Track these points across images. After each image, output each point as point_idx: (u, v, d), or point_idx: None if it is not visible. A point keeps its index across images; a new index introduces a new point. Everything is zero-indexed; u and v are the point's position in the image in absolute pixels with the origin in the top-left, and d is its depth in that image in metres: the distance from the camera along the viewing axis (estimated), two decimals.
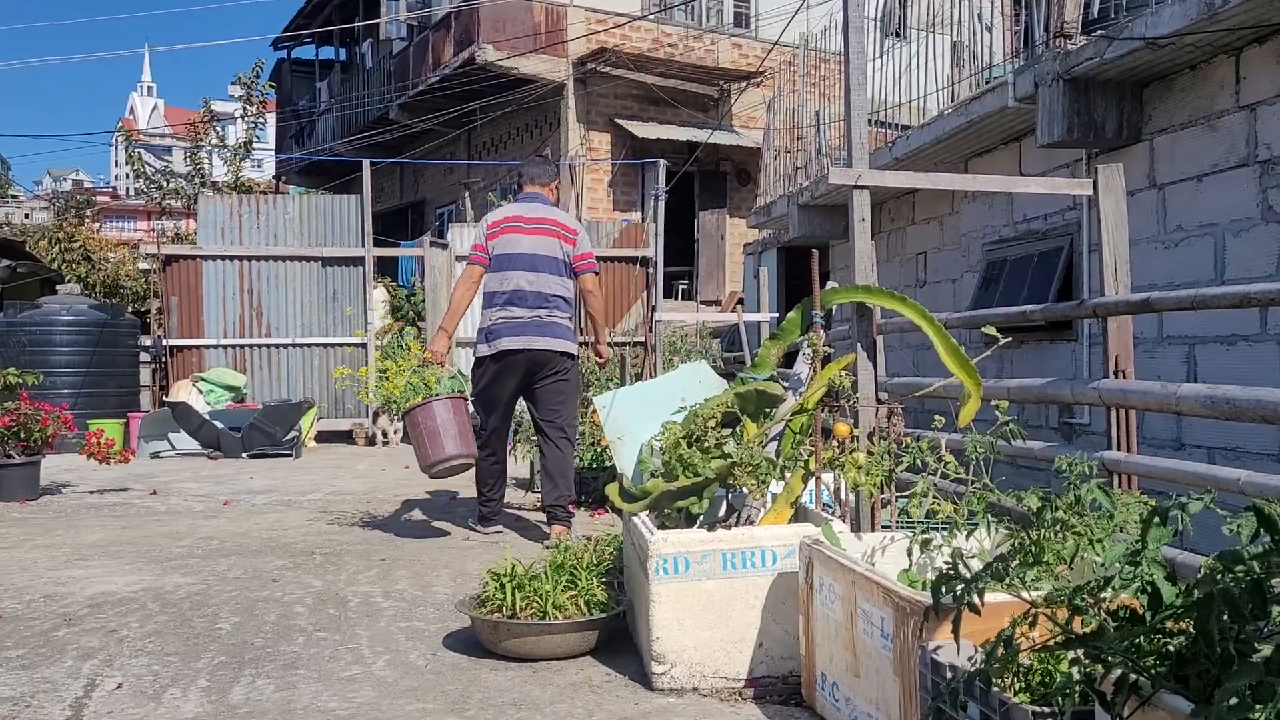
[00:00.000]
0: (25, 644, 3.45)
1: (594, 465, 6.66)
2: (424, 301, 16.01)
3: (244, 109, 16.16)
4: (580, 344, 5.71)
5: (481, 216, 17.97)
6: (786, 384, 3.48)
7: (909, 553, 2.71)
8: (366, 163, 11.74)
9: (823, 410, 3.39)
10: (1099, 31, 5.63)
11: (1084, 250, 6.32)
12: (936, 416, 3.58)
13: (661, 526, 3.48)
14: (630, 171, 17.75)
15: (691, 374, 6.38)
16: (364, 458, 9.99)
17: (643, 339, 11.68)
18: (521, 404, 5.60)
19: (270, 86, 17.21)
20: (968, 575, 1.71)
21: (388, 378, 5.77)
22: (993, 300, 7.19)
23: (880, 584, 2.34)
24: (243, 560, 4.88)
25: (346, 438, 11.46)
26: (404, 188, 22.78)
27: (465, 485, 6.58)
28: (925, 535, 2.51)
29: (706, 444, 3.36)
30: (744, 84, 18.22)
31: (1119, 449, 3.40)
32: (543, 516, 5.51)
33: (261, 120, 16.61)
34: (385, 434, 11.09)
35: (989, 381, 4.60)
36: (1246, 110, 5.09)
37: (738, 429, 3.54)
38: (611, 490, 3.50)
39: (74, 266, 16.45)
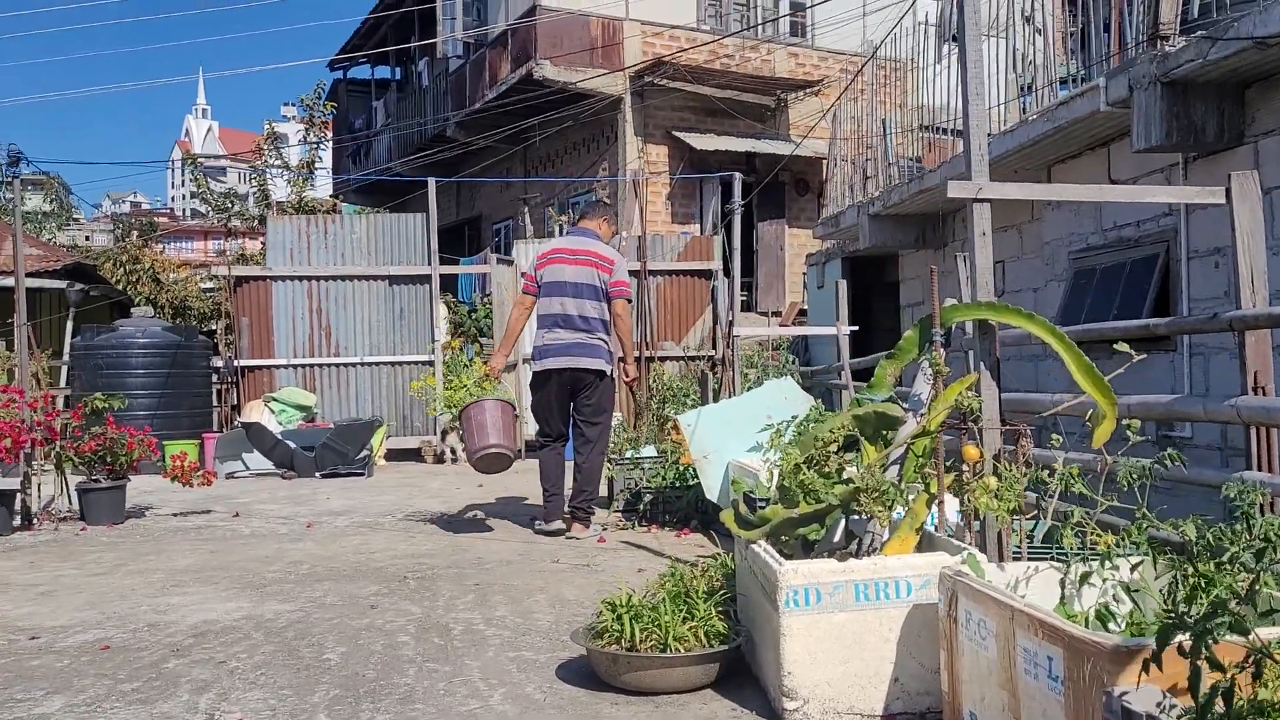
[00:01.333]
0: (138, 676, 3.43)
1: (676, 484, 6.57)
2: (486, 317, 16.08)
3: (307, 130, 16.34)
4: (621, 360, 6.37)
5: (540, 232, 18.08)
6: (906, 405, 3.37)
7: (1061, 584, 2.59)
8: (432, 182, 11.80)
9: (945, 433, 3.27)
10: (1199, 33, 5.44)
11: (1182, 258, 6.12)
12: (1054, 437, 3.45)
13: (779, 553, 3.38)
14: (688, 184, 17.68)
15: (776, 390, 6.30)
16: (435, 476, 9.99)
17: (710, 353, 11.59)
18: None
19: (330, 107, 17.37)
20: (1188, 617, 1.58)
21: (451, 389, 6.38)
22: (1082, 310, 7.00)
23: (1047, 621, 2.22)
24: (337, 585, 4.85)
25: (415, 455, 11.48)
26: (460, 204, 22.91)
27: (536, 495, 6.53)
28: (1084, 569, 2.39)
29: (827, 469, 3.26)
30: (801, 93, 18.10)
31: (1261, 469, 3.24)
32: (620, 546, 5.82)
33: (324, 140, 16.78)
34: (454, 451, 11.08)
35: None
36: None
37: (856, 453, 3.43)
38: (727, 516, 3.40)
39: (140, 288, 16.71)
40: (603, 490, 7.51)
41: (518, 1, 17.25)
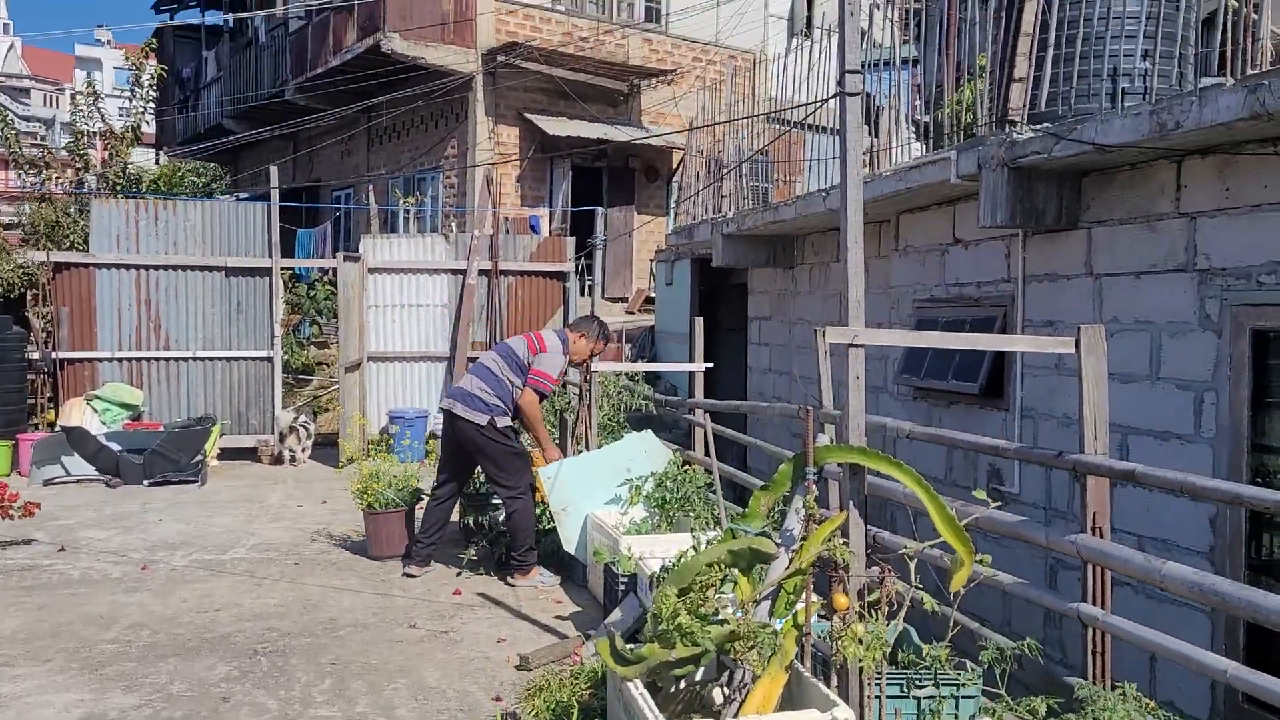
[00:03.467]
0: None
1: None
2: (327, 299, 15.59)
3: (133, 91, 15.26)
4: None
5: (383, 206, 17.52)
6: (778, 540, 3.48)
7: None
8: (274, 170, 11.29)
9: (816, 569, 3.41)
10: (1045, 126, 5.75)
11: (1018, 323, 6.49)
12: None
13: (651, 685, 3.46)
14: (538, 166, 17.49)
15: (637, 444, 6.39)
16: (275, 484, 9.66)
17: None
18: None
19: (160, 70, 16.25)
20: None
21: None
22: (924, 360, 7.35)
23: None
24: (183, 664, 4.66)
25: (251, 455, 11.07)
26: (298, 168, 21.98)
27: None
28: None
29: (703, 609, 3.34)
30: (654, 81, 18.12)
31: (1096, 604, 3.52)
32: (477, 601, 5.86)
33: (149, 106, 15.71)
34: (294, 454, 10.75)
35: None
36: (1186, 218, 5.29)
37: (732, 577, 3.53)
38: (603, 648, 3.45)
39: None
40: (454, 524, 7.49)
41: None
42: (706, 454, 7.46)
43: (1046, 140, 5.53)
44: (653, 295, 17.09)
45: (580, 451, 7.09)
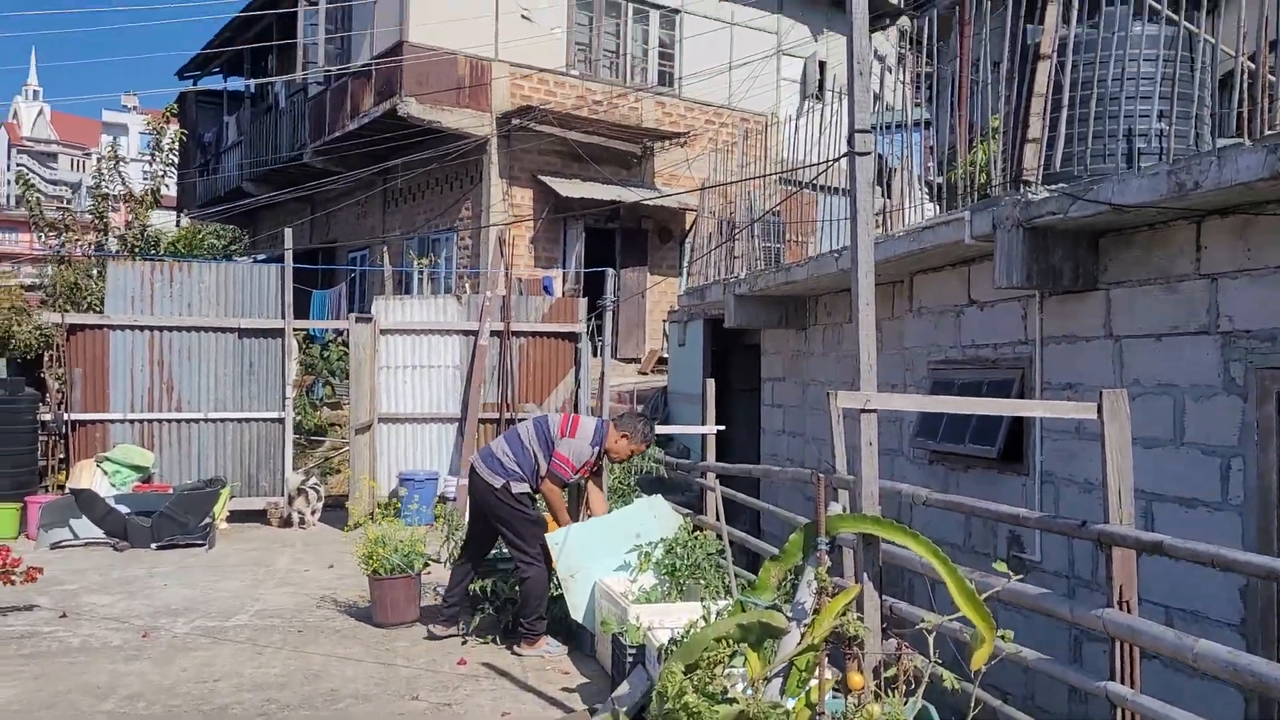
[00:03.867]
0: None
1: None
2: (340, 360, 15.57)
3: (153, 154, 15.45)
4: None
5: (398, 267, 17.60)
6: (789, 614, 3.35)
7: None
8: (289, 232, 11.34)
9: (829, 644, 3.27)
10: (1061, 186, 5.69)
11: (1036, 386, 6.37)
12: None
13: None
14: (552, 227, 17.57)
15: (646, 508, 6.26)
16: (283, 547, 9.54)
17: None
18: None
19: (181, 135, 16.48)
20: None
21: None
22: (940, 423, 7.22)
23: None
24: None
25: (261, 517, 10.95)
26: (314, 229, 22.16)
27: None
28: None
29: (712, 686, 3.20)
30: (667, 143, 18.25)
31: (1124, 682, 3.36)
32: (482, 672, 5.73)
33: (170, 170, 15.89)
34: (303, 517, 10.64)
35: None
36: (1207, 279, 5.19)
37: (741, 652, 3.39)
38: None
39: None
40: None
41: (384, 35, 16.80)
42: (718, 519, 7.33)
43: (1062, 200, 5.46)
44: (665, 356, 17.04)
45: (590, 516, 6.96)
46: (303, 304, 15.72)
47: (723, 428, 7.74)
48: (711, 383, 7.67)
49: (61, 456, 10.84)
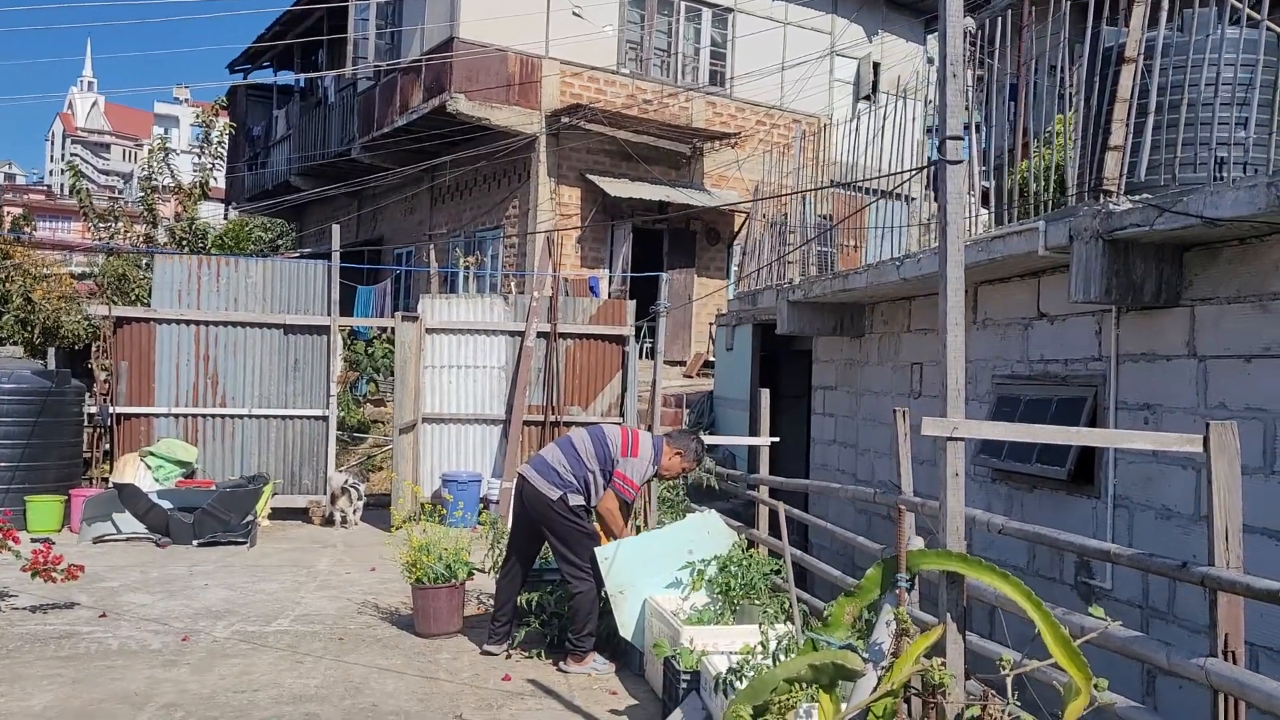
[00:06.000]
0: None
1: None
2: (384, 356, 15.48)
3: (202, 146, 15.47)
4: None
5: (443, 266, 17.52)
6: (865, 654, 3.12)
7: None
8: (336, 229, 11.24)
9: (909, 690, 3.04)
10: (1145, 196, 5.39)
11: (1110, 406, 6.07)
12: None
13: None
14: (599, 227, 17.39)
15: (700, 524, 6.04)
16: (324, 548, 9.43)
17: (617, 420, 11.29)
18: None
19: (230, 127, 16.50)
20: None
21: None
22: (1003, 442, 6.92)
23: None
24: None
25: (303, 515, 10.87)
26: (361, 225, 22.15)
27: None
28: None
29: None
30: (717, 143, 18.00)
31: None
32: (526, 690, 5.49)
33: (219, 162, 15.92)
34: (344, 516, 10.54)
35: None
36: None
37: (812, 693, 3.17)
38: None
39: (11, 303, 15.52)
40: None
41: (434, 30, 16.70)
42: (772, 534, 7.10)
43: (1148, 212, 5.17)
44: (711, 359, 16.79)
45: (639, 529, 6.75)
46: (347, 300, 15.64)
47: (778, 439, 7.49)
48: (766, 393, 7.42)
49: (106, 449, 10.83)
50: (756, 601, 5.41)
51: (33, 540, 7.46)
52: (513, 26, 16.14)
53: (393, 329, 11.93)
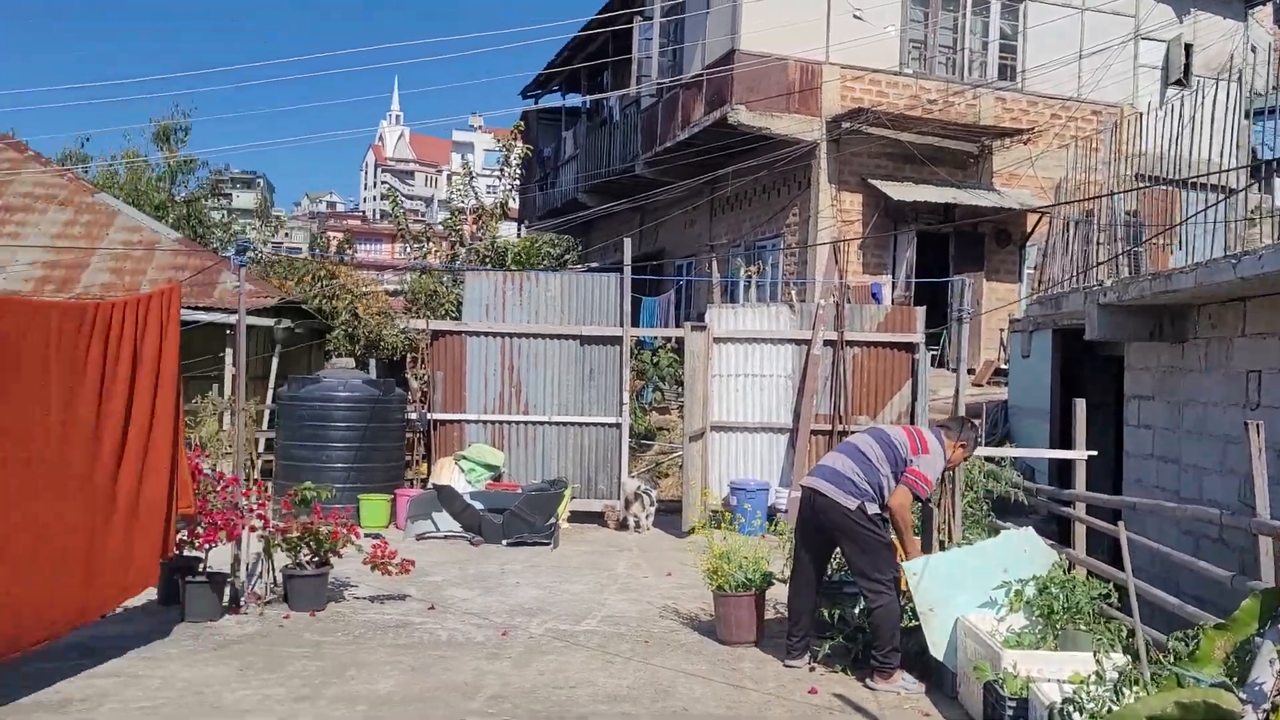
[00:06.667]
0: None
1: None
2: (670, 365, 15.85)
3: (502, 170, 16.50)
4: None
5: (725, 273, 17.72)
6: (1242, 695, 2.83)
7: None
8: (628, 242, 11.64)
9: None
10: None
11: None
12: None
13: None
14: (880, 233, 17.00)
15: (1018, 542, 5.74)
16: (620, 552, 9.75)
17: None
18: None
19: (526, 150, 17.49)
20: None
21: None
22: None
23: None
24: None
25: (598, 519, 11.30)
26: (643, 238, 22.82)
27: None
28: None
29: None
30: (1008, 141, 17.15)
31: None
32: (835, 705, 5.42)
33: (515, 186, 16.92)
34: (638, 521, 10.86)
35: None
36: None
37: None
38: None
39: (338, 318, 17.19)
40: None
41: (715, 44, 16.95)
42: (1092, 555, 6.64)
43: None
44: (1003, 367, 16.00)
45: (943, 543, 6.51)
46: (633, 311, 16.18)
47: (1094, 453, 7.01)
48: (1082, 403, 6.96)
49: (423, 454, 11.74)
50: (1083, 627, 5.06)
51: (365, 535, 8.17)
52: (792, 34, 16.10)
53: (678, 339, 12.19)
